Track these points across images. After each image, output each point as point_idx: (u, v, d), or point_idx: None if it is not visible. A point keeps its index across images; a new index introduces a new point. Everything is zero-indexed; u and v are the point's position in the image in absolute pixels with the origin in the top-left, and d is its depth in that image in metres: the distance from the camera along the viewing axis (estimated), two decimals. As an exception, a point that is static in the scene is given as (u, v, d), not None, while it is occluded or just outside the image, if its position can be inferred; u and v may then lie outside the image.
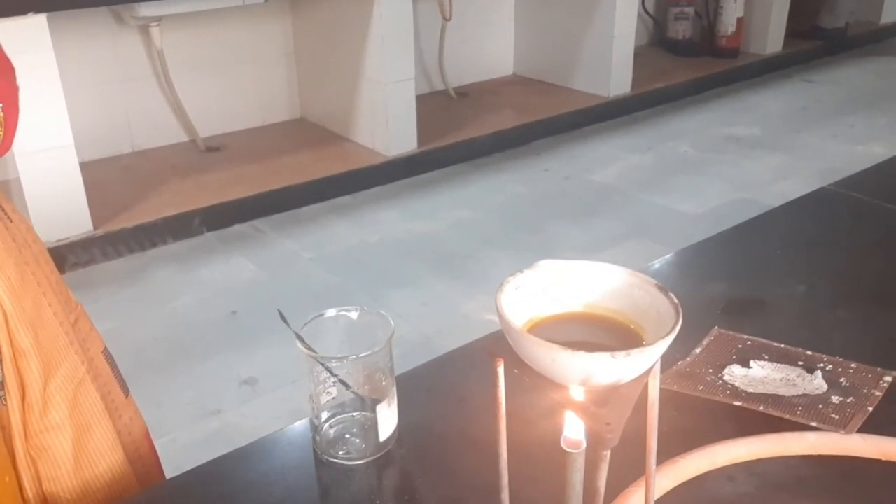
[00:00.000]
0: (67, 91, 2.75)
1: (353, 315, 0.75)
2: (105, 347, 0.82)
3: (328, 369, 0.70)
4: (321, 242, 3.12)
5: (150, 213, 3.10)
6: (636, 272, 0.49)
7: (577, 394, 0.44)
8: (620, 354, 0.41)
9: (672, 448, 0.70)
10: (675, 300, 0.46)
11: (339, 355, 0.70)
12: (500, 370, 0.48)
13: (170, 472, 0.91)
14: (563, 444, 0.48)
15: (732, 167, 3.72)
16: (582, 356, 0.41)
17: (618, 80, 4.31)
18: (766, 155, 3.86)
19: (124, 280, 2.87)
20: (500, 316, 0.45)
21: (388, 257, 3.01)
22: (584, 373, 0.43)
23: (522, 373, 0.45)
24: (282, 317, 0.71)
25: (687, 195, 3.43)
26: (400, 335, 2.55)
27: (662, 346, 0.43)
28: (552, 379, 0.44)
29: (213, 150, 3.67)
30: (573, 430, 0.47)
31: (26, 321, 0.70)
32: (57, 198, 2.83)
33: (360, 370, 0.72)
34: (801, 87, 4.89)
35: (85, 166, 2.95)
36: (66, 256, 2.87)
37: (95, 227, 2.95)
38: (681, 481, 0.67)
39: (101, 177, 3.31)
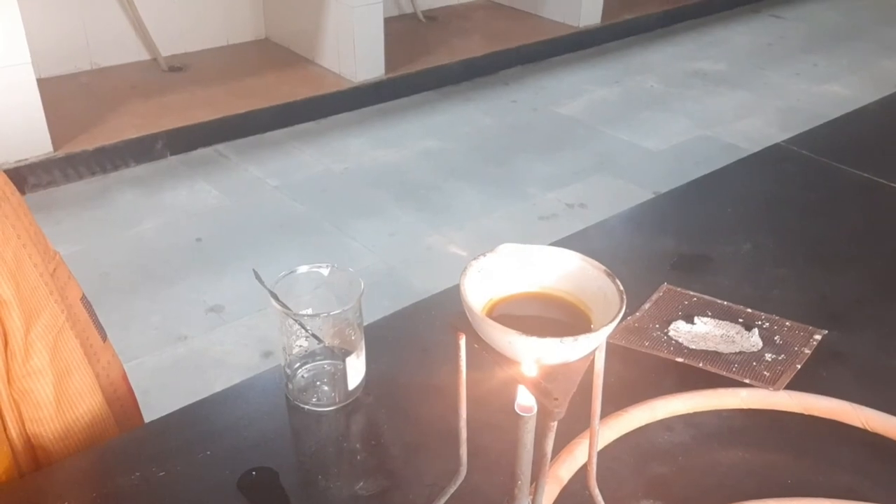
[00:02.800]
0: (23, 5, 2.66)
1: (325, 271, 0.79)
2: (83, 294, 0.85)
3: (301, 325, 0.74)
4: (286, 169, 3.11)
5: (112, 134, 3.05)
6: (588, 258, 0.53)
7: (530, 369, 0.49)
8: (568, 340, 0.46)
9: (617, 400, 0.76)
10: (621, 287, 0.50)
11: (312, 312, 0.74)
12: (462, 342, 0.53)
13: (137, 394, 0.94)
14: (516, 409, 0.54)
15: (696, 103, 3.77)
16: (534, 340, 0.46)
17: (588, 10, 4.28)
18: (729, 91, 3.91)
19: (86, 203, 2.85)
20: (463, 299, 0.49)
21: (354, 186, 3.02)
22: (535, 354, 0.47)
23: (482, 348, 0.50)
24: (257, 276, 0.75)
25: (651, 131, 3.48)
26: (365, 265, 2.60)
27: (606, 331, 0.48)
28: (507, 356, 0.49)
29: (175, 70, 3.59)
30: (525, 398, 0.52)
31: (8, 273, 0.72)
32: (15, 117, 2.77)
33: (331, 325, 0.76)
34: (769, 23, 4.90)
35: (42, 83, 2.88)
36: (25, 177, 2.83)
37: (55, 148, 2.91)
38: (623, 432, 0.74)
39: (59, 95, 3.24)
